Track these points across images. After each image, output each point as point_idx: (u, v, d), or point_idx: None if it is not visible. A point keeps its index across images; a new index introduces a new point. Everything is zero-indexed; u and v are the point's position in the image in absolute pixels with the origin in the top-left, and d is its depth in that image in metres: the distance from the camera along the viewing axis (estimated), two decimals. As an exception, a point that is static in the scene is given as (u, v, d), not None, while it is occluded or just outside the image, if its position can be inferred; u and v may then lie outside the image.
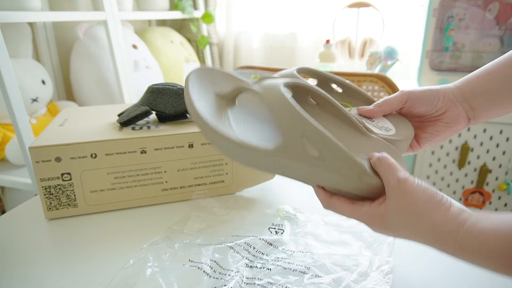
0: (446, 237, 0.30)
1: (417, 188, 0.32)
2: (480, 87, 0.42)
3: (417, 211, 0.31)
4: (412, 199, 0.32)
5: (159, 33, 1.72)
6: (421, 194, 0.32)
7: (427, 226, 0.31)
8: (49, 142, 0.50)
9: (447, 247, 0.31)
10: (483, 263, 0.29)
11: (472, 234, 0.29)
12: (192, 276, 0.40)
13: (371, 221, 0.35)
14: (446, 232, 0.30)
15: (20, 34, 1.14)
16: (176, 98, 0.57)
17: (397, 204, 0.32)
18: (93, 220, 0.53)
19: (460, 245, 0.29)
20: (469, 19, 1.27)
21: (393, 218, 0.33)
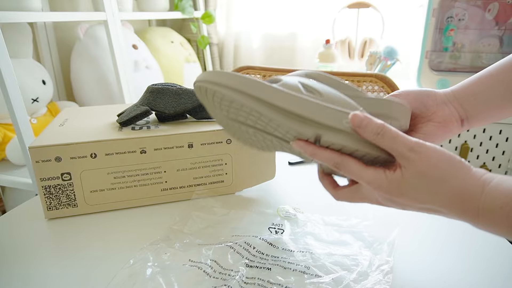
0: (469, 197, 0.30)
1: (435, 150, 0.31)
2: (472, 89, 0.42)
3: (440, 173, 0.31)
4: (433, 161, 0.31)
5: (159, 33, 1.72)
6: (441, 155, 0.31)
7: (451, 186, 0.31)
8: (49, 142, 0.50)
9: (469, 208, 0.30)
10: (504, 224, 0.29)
11: (496, 193, 0.29)
12: (192, 276, 0.40)
13: (386, 186, 0.33)
14: (470, 191, 0.30)
15: (20, 34, 1.14)
16: (175, 98, 0.57)
17: (416, 167, 0.31)
18: (93, 220, 0.53)
19: (484, 204, 0.29)
20: (469, 19, 1.28)
21: (412, 183, 0.32)
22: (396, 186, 0.33)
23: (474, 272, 0.42)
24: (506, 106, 0.41)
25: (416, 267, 0.43)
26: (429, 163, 0.31)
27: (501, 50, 1.27)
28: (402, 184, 0.32)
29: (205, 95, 0.39)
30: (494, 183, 0.30)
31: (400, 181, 0.32)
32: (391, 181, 0.33)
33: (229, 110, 0.38)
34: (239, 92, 0.36)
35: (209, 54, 1.90)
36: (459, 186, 0.30)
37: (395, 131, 0.33)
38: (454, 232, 0.49)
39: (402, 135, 0.32)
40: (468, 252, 0.45)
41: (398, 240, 0.46)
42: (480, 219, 0.30)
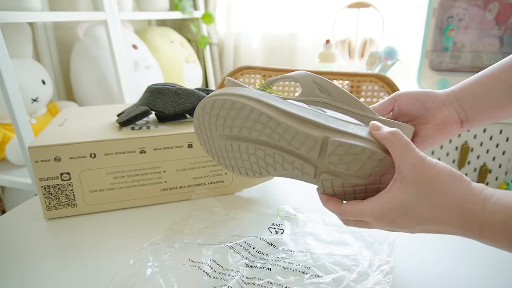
0: (471, 213, 0.30)
1: (437, 164, 0.31)
2: (472, 90, 0.42)
3: (442, 187, 0.31)
4: (436, 175, 0.31)
5: (159, 33, 1.72)
6: (442, 169, 0.31)
7: (453, 201, 0.30)
8: (49, 142, 0.50)
9: (471, 225, 0.30)
10: (506, 238, 0.29)
11: (497, 208, 0.29)
12: (192, 276, 0.40)
13: (388, 210, 0.33)
14: (471, 207, 0.30)
15: (20, 34, 1.14)
16: (175, 98, 0.57)
17: (419, 182, 0.31)
18: (93, 220, 0.53)
19: (485, 221, 0.29)
20: (469, 19, 1.27)
21: (415, 199, 0.32)
22: (397, 206, 0.33)
23: (474, 272, 0.41)
24: (506, 106, 0.41)
25: (416, 267, 0.42)
26: (430, 176, 0.31)
27: (502, 50, 1.27)
28: (404, 203, 0.32)
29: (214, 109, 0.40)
30: (494, 198, 0.30)
31: (402, 199, 0.32)
32: (391, 201, 0.33)
33: (236, 124, 0.39)
34: (256, 101, 0.38)
35: (209, 54, 1.90)
36: (461, 199, 0.30)
37: (408, 139, 0.33)
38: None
39: (413, 145, 0.33)
40: (468, 252, 0.45)
41: (398, 240, 0.46)
42: (484, 235, 0.30)
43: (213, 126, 0.41)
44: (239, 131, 0.39)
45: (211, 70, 1.93)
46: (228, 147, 0.42)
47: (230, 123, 0.39)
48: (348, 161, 0.36)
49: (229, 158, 0.43)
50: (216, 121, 0.40)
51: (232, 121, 0.39)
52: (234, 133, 0.40)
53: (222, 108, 0.39)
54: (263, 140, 0.39)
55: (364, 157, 0.35)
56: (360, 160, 0.35)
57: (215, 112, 0.40)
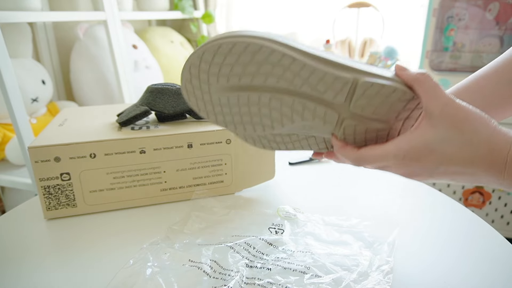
0: (498, 149, 0.30)
1: (466, 105, 0.32)
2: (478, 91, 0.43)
3: (472, 125, 0.31)
4: (466, 114, 0.31)
5: (159, 33, 1.72)
6: (472, 110, 0.32)
7: (482, 139, 0.31)
8: (48, 142, 0.50)
9: (496, 161, 0.30)
10: None
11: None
12: (192, 276, 0.40)
13: (414, 148, 0.33)
14: (499, 144, 0.30)
15: (20, 34, 1.14)
16: (175, 98, 0.57)
17: (450, 121, 0.31)
18: (92, 220, 0.53)
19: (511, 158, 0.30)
20: (469, 19, 1.27)
21: (441, 136, 0.32)
22: (425, 143, 0.32)
23: (474, 272, 0.41)
24: (501, 108, 0.42)
25: (416, 267, 0.42)
26: (460, 115, 0.31)
27: (502, 50, 1.27)
28: (430, 139, 0.32)
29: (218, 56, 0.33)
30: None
31: (427, 134, 0.32)
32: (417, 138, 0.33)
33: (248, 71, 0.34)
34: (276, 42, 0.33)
35: (209, 54, 1.89)
36: (490, 136, 0.31)
37: (436, 81, 0.33)
38: (454, 232, 0.49)
39: (441, 87, 0.33)
40: (468, 252, 0.45)
41: (398, 240, 0.46)
42: (507, 174, 0.30)
43: (213, 77, 0.35)
44: (250, 79, 0.34)
45: (211, 70, 1.93)
46: (231, 101, 0.36)
47: (239, 71, 0.34)
48: (376, 103, 0.34)
49: (232, 114, 0.37)
50: (219, 71, 0.34)
51: (243, 68, 0.34)
52: (244, 83, 0.35)
53: (230, 54, 0.33)
54: (281, 87, 0.34)
55: (393, 98, 0.34)
56: (389, 101, 0.34)
57: (219, 59, 0.34)
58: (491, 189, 1.32)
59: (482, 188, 1.32)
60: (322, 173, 0.68)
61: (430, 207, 0.56)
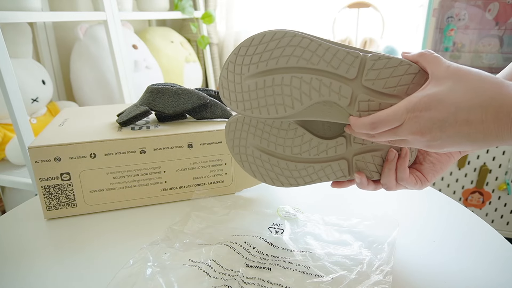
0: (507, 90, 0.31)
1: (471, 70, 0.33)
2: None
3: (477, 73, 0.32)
4: (470, 69, 0.33)
5: (159, 33, 1.72)
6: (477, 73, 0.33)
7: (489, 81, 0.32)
8: (49, 142, 0.50)
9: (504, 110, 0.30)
10: None
11: None
12: (192, 276, 0.40)
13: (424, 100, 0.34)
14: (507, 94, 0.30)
15: (20, 34, 1.14)
16: (175, 98, 0.57)
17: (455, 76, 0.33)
18: (93, 220, 0.53)
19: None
20: (469, 19, 1.28)
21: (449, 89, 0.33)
22: (433, 94, 0.33)
23: (474, 272, 0.42)
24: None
25: (416, 267, 0.42)
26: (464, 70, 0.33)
27: (501, 50, 1.27)
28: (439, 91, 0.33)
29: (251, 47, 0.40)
30: None
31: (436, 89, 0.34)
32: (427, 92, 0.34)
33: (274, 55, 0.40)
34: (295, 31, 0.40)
35: (209, 54, 1.90)
36: (495, 82, 0.31)
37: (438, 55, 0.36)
38: (454, 233, 0.49)
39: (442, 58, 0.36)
40: (468, 252, 0.45)
41: (398, 240, 0.46)
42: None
43: (245, 67, 0.41)
44: (276, 62, 0.40)
45: (211, 70, 1.93)
46: (259, 85, 0.41)
47: (267, 57, 0.40)
48: (386, 75, 0.37)
49: (258, 99, 0.42)
50: (251, 61, 0.41)
51: (270, 54, 0.40)
52: (270, 67, 0.40)
53: (260, 43, 0.40)
54: (300, 65, 0.40)
55: (401, 71, 0.37)
56: (397, 74, 0.37)
57: (252, 51, 0.40)
58: (491, 189, 1.32)
59: (482, 188, 1.32)
60: (322, 173, 0.68)
61: (430, 207, 0.56)
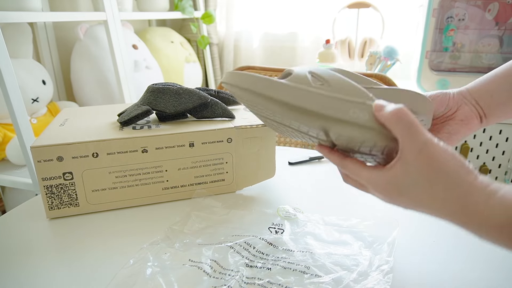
0: (473, 207, 0.28)
1: (444, 152, 0.29)
2: (487, 88, 0.43)
3: (445, 177, 0.29)
4: (440, 164, 0.29)
5: (159, 33, 1.72)
6: (450, 159, 0.29)
7: (454, 193, 0.29)
8: (51, 142, 0.50)
9: (472, 218, 0.28)
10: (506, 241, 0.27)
11: (503, 205, 0.27)
12: (192, 275, 0.40)
13: (385, 186, 0.32)
14: (474, 201, 0.28)
15: (20, 34, 1.14)
16: (176, 97, 0.57)
17: (421, 168, 0.29)
18: (94, 220, 0.53)
19: (488, 216, 0.27)
20: (469, 20, 1.28)
21: (413, 183, 0.30)
22: (395, 186, 0.32)
23: (474, 272, 0.42)
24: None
25: (416, 267, 0.43)
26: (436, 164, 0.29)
27: (501, 50, 1.27)
28: (401, 184, 0.31)
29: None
30: (500, 195, 0.28)
31: (400, 180, 0.31)
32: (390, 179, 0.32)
33: (249, 107, 0.41)
34: (250, 92, 0.37)
35: (209, 54, 1.90)
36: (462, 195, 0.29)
37: (414, 118, 0.30)
38: (454, 232, 0.49)
39: (419, 125, 0.30)
40: (468, 252, 0.45)
41: (398, 240, 0.46)
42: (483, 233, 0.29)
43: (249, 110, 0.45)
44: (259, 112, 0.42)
45: (211, 70, 1.93)
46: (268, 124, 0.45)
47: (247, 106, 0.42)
48: (355, 145, 0.35)
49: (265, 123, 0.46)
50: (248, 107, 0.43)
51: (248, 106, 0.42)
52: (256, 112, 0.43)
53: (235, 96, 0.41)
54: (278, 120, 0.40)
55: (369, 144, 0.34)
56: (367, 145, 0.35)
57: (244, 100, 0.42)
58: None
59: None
60: (322, 173, 0.68)
61: (430, 207, 0.56)
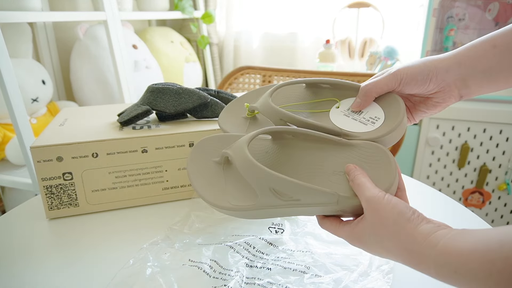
0: (419, 258, 0.29)
1: (385, 206, 0.32)
2: (483, 63, 0.39)
3: (386, 230, 0.31)
4: (381, 218, 0.32)
5: (159, 33, 1.72)
6: (388, 212, 0.32)
7: (399, 246, 0.30)
8: (51, 142, 0.50)
9: (423, 268, 0.29)
10: (463, 285, 0.27)
11: (447, 255, 0.27)
12: (192, 276, 0.40)
13: (352, 239, 0.36)
14: (418, 252, 0.29)
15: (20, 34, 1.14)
16: (176, 97, 0.57)
17: (371, 222, 0.33)
18: (94, 220, 0.53)
19: (436, 266, 0.28)
20: (469, 19, 1.28)
21: (368, 237, 0.33)
22: (358, 238, 0.35)
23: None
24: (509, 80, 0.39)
25: (416, 267, 0.42)
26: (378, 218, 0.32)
27: (501, 50, 1.27)
28: (362, 237, 0.34)
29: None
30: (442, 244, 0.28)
31: (360, 233, 0.34)
32: (354, 236, 0.35)
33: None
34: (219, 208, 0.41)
35: (209, 54, 1.90)
36: (406, 245, 0.30)
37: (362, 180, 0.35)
38: (454, 232, 0.49)
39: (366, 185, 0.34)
40: (468, 252, 0.45)
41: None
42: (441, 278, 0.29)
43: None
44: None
45: (211, 70, 1.93)
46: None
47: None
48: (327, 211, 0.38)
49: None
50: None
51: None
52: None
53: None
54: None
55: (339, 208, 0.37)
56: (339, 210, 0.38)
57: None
58: (491, 189, 1.32)
59: (482, 188, 1.32)
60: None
61: (430, 207, 0.56)
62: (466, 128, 1.28)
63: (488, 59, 0.38)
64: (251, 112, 0.49)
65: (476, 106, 1.26)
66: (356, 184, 0.35)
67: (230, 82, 1.28)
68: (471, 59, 0.39)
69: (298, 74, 1.19)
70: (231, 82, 1.28)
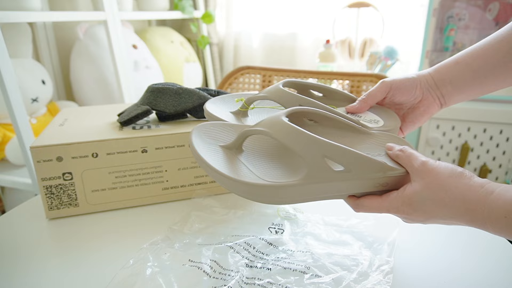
0: (474, 207, 0.32)
1: (438, 165, 0.36)
2: (449, 76, 0.46)
3: (444, 185, 0.34)
4: (436, 174, 0.35)
5: (159, 33, 1.72)
6: (443, 169, 0.35)
7: (455, 197, 0.33)
8: (50, 142, 0.50)
9: (475, 218, 0.32)
10: (510, 231, 0.31)
11: (501, 201, 0.31)
12: (192, 276, 0.40)
13: (401, 207, 0.37)
14: (474, 201, 0.32)
15: (20, 34, 1.14)
16: (176, 97, 0.57)
17: (423, 182, 0.35)
18: (94, 220, 0.53)
19: (488, 214, 0.31)
20: (469, 19, 1.28)
21: (420, 197, 0.35)
22: (408, 203, 0.36)
23: (474, 272, 0.42)
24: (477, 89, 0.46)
25: (416, 267, 0.43)
26: (433, 175, 0.35)
27: (501, 50, 1.27)
28: (413, 200, 0.36)
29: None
30: (496, 193, 0.31)
31: (411, 197, 0.36)
32: (403, 200, 0.37)
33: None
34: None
35: (209, 54, 1.90)
36: (461, 195, 0.33)
37: (412, 151, 0.39)
38: (454, 232, 0.49)
39: (416, 153, 0.38)
40: (469, 252, 0.45)
41: (398, 240, 0.46)
42: (488, 227, 0.32)
43: None
44: None
45: (211, 70, 1.93)
46: None
47: None
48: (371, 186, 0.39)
49: None
50: None
51: None
52: None
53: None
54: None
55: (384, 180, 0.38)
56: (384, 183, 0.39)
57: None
58: (491, 189, 1.32)
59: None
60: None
61: (430, 207, 0.56)
62: (466, 128, 1.28)
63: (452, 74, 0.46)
64: (247, 106, 0.47)
65: (476, 106, 1.25)
66: (408, 154, 0.38)
67: (230, 82, 1.28)
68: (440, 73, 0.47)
69: (298, 74, 1.19)
70: (231, 82, 1.28)
